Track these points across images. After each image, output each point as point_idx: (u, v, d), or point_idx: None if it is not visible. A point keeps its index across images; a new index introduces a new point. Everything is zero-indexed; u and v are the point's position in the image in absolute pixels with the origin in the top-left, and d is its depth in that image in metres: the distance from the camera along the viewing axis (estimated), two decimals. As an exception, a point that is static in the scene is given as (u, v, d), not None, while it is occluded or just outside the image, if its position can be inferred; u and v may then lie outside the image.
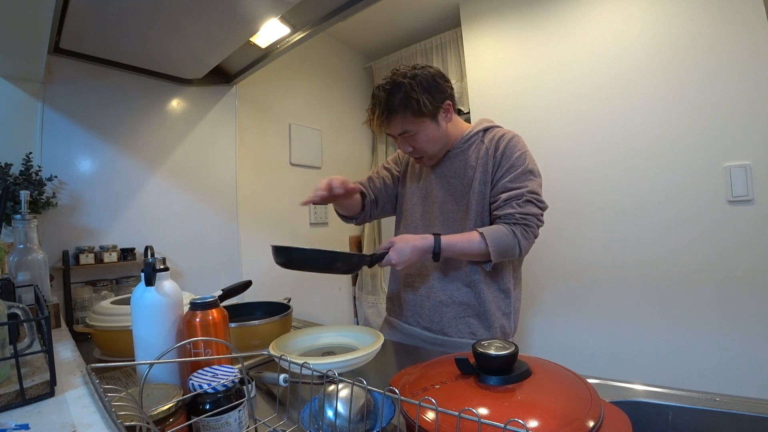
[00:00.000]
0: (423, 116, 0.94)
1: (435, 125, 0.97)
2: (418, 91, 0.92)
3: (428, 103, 0.92)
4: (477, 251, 0.91)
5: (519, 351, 0.50)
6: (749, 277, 1.38)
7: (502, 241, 0.89)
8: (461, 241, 0.91)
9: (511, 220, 0.91)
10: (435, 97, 0.94)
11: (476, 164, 1.00)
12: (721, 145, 1.43)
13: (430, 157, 1.03)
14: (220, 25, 1.19)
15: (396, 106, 0.93)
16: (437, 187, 1.06)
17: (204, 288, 1.58)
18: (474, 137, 1.04)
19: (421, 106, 0.91)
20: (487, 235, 0.89)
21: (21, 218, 0.86)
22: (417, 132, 0.96)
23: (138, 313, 0.57)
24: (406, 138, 0.97)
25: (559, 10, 1.80)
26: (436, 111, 0.95)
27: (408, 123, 0.95)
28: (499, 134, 1.01)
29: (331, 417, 0.47)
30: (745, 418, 0.51)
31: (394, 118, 0.95)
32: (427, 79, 0.94)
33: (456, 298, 1.00)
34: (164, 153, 1.58)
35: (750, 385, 1.37)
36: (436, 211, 1.05)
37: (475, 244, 0.90)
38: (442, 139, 1.00)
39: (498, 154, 0.97)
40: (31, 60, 1.12)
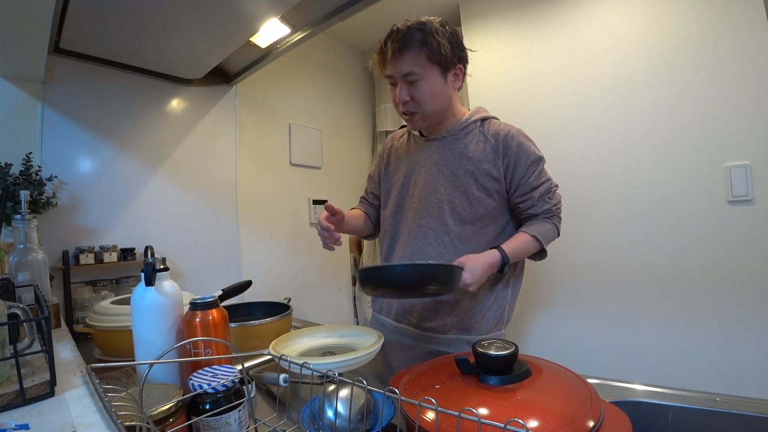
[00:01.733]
0: (435, 63, 0.89)
1: (442, 79, 0.91)
2: (441, 34, 0.88)
3: (446, 50, 0.88)
4: (532, 252, 0.98)
5: (519, 351, 0.50)
6: (749, 277, 1.38)
7: (550, 236, 0.99)
8: (520, 248, 0.95)
9: (550, 214, 1.00)
10: (454, 51, 0.90)
11: (475, 156, 0.96)
12: (721, 145, 1.43)
13: (424, 115, 0.95)
14: (220, 25, 1.19)
15: (413, 41, 0.88)
16: (426, 174, 1.01)
17: (204, 288, 1.58)
18: (471, 125, 0.99)
19: (440, 48, 0.87)
20: (540, 235, 0.95)
21: (21, 218, 0.86)
22: (423, 78, 0.89)
23: (138, 313, 0.57)
24: (409, 83, 0.91)
25: (559, 10, 1.80)
26: (449, 65, 0.91)
27: (418, 63, 0.88)
28: (502, 130, 0.97)
29: (331, 417, 0.47)
30: (745, 418, 0.51)
31: (406, 52, 0.88)
32: (453, 33, 0.91)
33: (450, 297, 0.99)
34: (164, 153, 1.58)
35: (750, 385, 1.37)
36: (421, 198, 1.00)
37: (532, 247, 0.96)
38: (445, 99, 0.94)
39: (511, 154, 0.94)
40: (31, 60, 1.12)
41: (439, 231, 0.99)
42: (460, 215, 0.97)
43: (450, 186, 0.97)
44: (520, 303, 1.93)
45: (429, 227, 1.00)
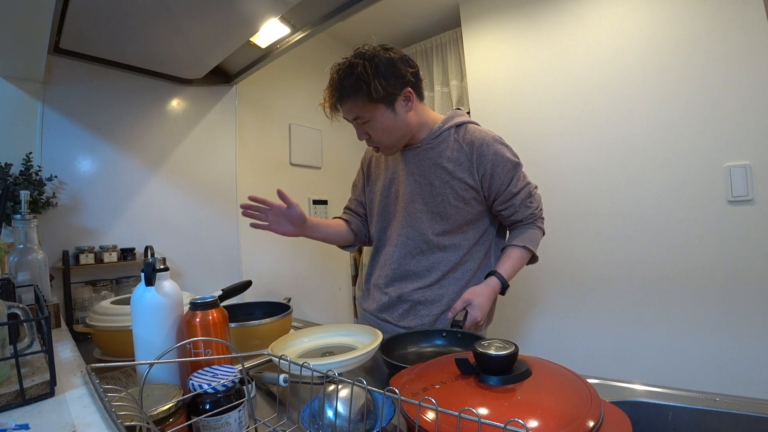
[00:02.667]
0: (376, 102, 0.88)
1: (391, 113, 0.91)
2: (371, 74, 0.86)
3: (380, 89, 0.86)
4: (526, 260, 1.01)
5: (519, 351, 0.50)
6: (749, 277, 1.38)
7: (538, 240, 1.02)
8: (515, 265, 0.98)
9: (533, 218, 1.01)
10: (391, 83, 0.88)
11: (450, 165, 0.96)
12: (721, 145, 1.43)
13: (387, 147, 0.97)
14: (220, 25, 1.19)
15: (347, 90, 0.88)
16: (404, 184, 1.01)
17: (204, 288, 1.58)
18: (445, 133, 0.98)
19: (371, 90, 0.86)
20: (529, 244, 0.99)
21: (21, 218, 0.86)
22: (370, 119, 0.91)
23: (138, 313, 0.57)
24: (361, 124, 0.93)
25: (559, 10, 1.80)
26: (391, 98, 0.89)
27: (360, 108, 0.90)
28: (477, 138, 0.96)
29: (331, 417, 0.47)
30: (745, 418, 0.51)
31: (345, 102, 0.90)
32: (385, 63, 0.87)
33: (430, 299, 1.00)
34: (164, 153, 1.58)
35: (750, 385, 1.37)
36: (400, 208, 1.02)
37: (525, 258, 1.00)
38: (400, 128, 0.94)
39: (487, 162, 0.94)
40: (31, 60, 1.12)
41: (418, 240, 1.00)
42: (438, 224, 0.98)
43: (427, 196, 0.98)
44: (520, 303, 1.94)
45: (408, 237, 1.01)
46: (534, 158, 1.90)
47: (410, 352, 0.81)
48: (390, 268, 1.04)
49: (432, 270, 1.00)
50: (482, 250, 1.03)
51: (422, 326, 0.99)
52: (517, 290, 1.96)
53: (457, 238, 0.99)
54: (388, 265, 1.04)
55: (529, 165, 1.90)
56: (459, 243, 1.00)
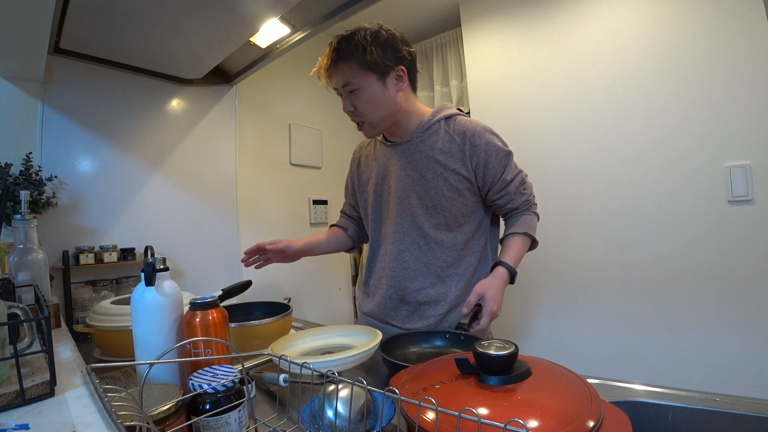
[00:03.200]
0: (369, 70, 0.89)
1: (381, 86, 0.91)
2: (371, 41, 0.87)
3: (376, 57, 0.87)
4: (527, 247, 1.01)
5: (519, 351, 0.50)
6: (749, 277, 1.38)
7: (535, 225, 1.02)
8: (519, 252, 0.98)
9: (528, 204, 1.02)
10: (387, 54, 0.89)
11: (443, 157, 0.95)
12: (721, 145, 1.43)
13: (371, 123, 0.95)
14: (220, 25, 1.19)
15: (344, 53, 0.89)
16: (396, 180, 1.01)
17: (204, 288, 1.58)
18: (435, 125, 0.98)
19: (366, 55, 0.87)
20: (529, 230, 0.99)
21: (21, 218, 0.86)
22: (359, 86, 0.90)
23: (138, 313, 0.57)
24: (349, 93, 0.92)
25: (559, 10, 1.80)
26: (385, 69, 0.90)
27: (352, 73, 0.89)
28: (468, 128, 0.96)
29: (331, 417, 0.47)
30: (745, 418, 0.51)
31: (339, 65, 0.90)
32: (386, 37, 0.90)
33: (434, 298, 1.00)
34: (164, 153, 1.58)
35: (750, 385, 1.37)
36: (394, 204, 1.01)
37: (526, 244, 1.00)
38: (388, 105, 0.93)
39: (480, 152, 0.94)
40: (31, 60, 1.12)
41: (415, 235, 0.99)
42: (434, 218, 0.98)
43: (421, 190, 0.98)
44: (519, 303, 1.94)
45: (405, 232, 1.00)
46: (534, 158, 1.90)
47: (410, 352, 0.81)
48: (389, 267, 1.03)
49: (432, 266, 0.99)
50: (480, 243, 1.02)
51: (429, 327, 0.98)
52: (517, 290, 1.96)
53: (454, 232, 0.99)
54: (387, 263, 1.03)
55: (529, 165, 1.90)
56: (456, 237, 0.99)
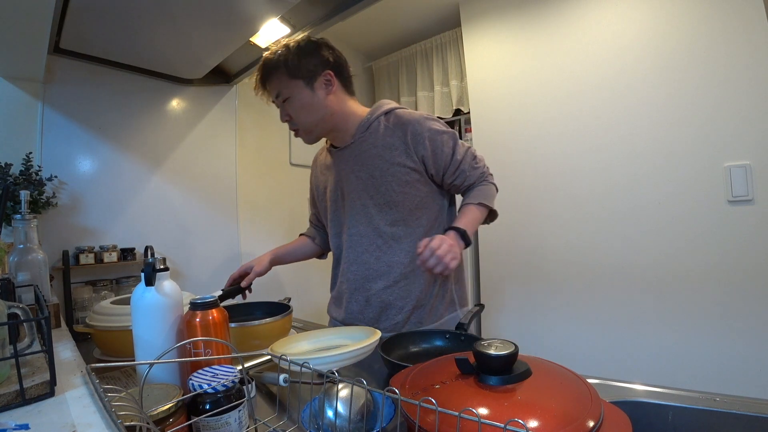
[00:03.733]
0: (296, 77, 0.92)
1: (309, 91, 0.94)
2: (294, 51, 0.92)
3: (298, 64, 0.92)
4: (483, 217, 1.00)
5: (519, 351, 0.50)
6: (749, 277, 1.38)
7: (491, 195, 1.01)
8: (471, 219, 0.96)
9: (483, 176, 1.02)
10: (310, 61, 0.93)
11: (387, 153, 0.96)
12: (721, 145, 1.43)
13: (305, 129, 0.98)
14: (220, 25, 1.19)
15: (271, 66, 0.93)
16: (347, 184, 1.02)
17: (204, 288, 1.58)
18: (375, 123, 0.99)
19: (289, 64, 0.91)
20: (484, 200, 0.98)
21: (21, 218, 0.86)
22: (290, 96, 0.94)
23: (138, 313, 0.57)
24: (283, 103, 0.96)
25: (559, 10, 1.80)
26: (311, 76, 0.93)
27: (281, 84, 0.94)
28: (407, 119, 0.96)
29: (331, 417, 0.47)
30: (745, 418, 0.51)
31: (269, 78, 0.95)
32: (308, 44, 0.94)
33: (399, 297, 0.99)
34: (164, 153, 1.58)
35: (750, 385, 1.37)
36: (348, 208, 1.02)
37: (481, 214, 0.99)
38: (319, 109, 0.95)
39: (425, 140, 0.94)
40: (31, 60, 1.12)
41: (372, 235, 0.99)
42: (388, 215, 0.98)
43: (371, 189, 0.98)
44: (519, 303, 1.94)
45: (361, 234, 1.00)
46: (534, 158, 1.90)
47: (410, 352, 0.81)
48: (351, 271, 1.02)
49: (394, 265, 0.99)
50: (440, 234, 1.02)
51: (396, 326, 0.98)
52: (517, 290, 1.96)
53: (412, 226, 0.98)
54: (349, 267, 1.03)
55: (529, 164, 1.91)
56: (414, 231, 0.98)
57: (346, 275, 1.04)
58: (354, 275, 1.02)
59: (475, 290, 2.14)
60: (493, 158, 2.03)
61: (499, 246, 2.01)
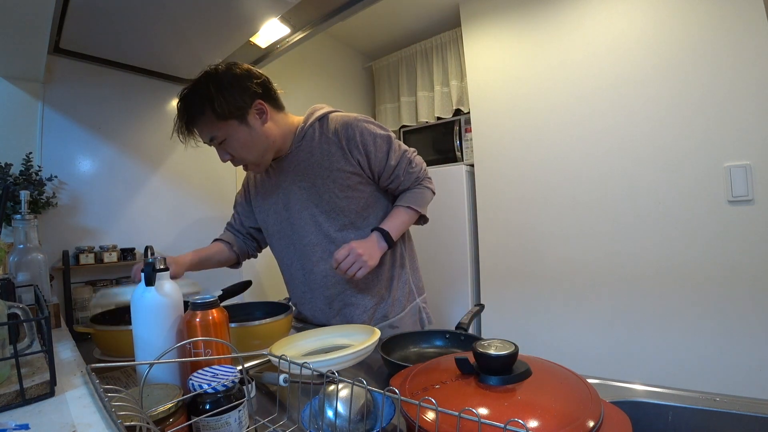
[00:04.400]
0: (225, 119, 0.86)
1: (246, 128, 0.88)
2: (215, 91, 0.84)
3: (224, 105, 0.84)
4: (413, 221, 1.01)
5: (519, 351, 0.50)
6: (749, 277, 1.38)
7: (424, 199, 1.01)
8: (397, 221, 0.97)
9: (418, 180, 1.02)
10: (236, 98, 0.86)
11: (325, 160, 0.94)
12: (721, 145, 1.43)
13: (254, 163, 0.94)
14: (220, 25, 1.19)
15: (195, 110, 0.86)
16: (290, 195, 0.99)
17: (204, 288, 1.58)
18: (309, 131, 0.97)
19: (215, 107, 0.83)
20: (413, 204, 0.98)
21: (21, 218, 0.86)
22: (226, 137, 0.88)
23: (138, 313, 0.57)
24: (219, 144, 0.90)
25: (559, 10, 1.80)
26: (241, 112, 0.87)
27: (212, 127, 0.87)
28: (340, 123, 0.94)
29: (331, 417, 0.47)
30: (745, 418, 0.51)
31: (196, 124, 0.88)
32: (229, 78, 0.86)
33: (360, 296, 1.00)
34: (164, 153, 1.58)
35: (750, 385, 1.37)
36: (296, 219, 1.00)
37: (409, 217, 0.99)
38: (260, 142, 0.91)
39: (358, 144, 0.93)
40: (31, 60, 1.12)
41: (324, 243, 0.98)
42: (336, 221, 0.97)
43: (315, 197, 0.97)
44: (519, 303, 1.94)
45: (313, 244, 0.99)
46: (533, 157, 1.90)
47: (410, 352, 0.82)
48: (309, 281, 1.01)
49: None
50: None
51: (364, 321, 0.99)
52: (517, 290, 1.96)
53: (362, 229, 0.98)
54: (306, 278, 1.02)
55: (528, 164, 1.91)
56: (365, 233, 0.98)
57: (305, 285, 1.03)
58: (314, 284, 1.01)
59: (475, 290, 2.14)
60: (493, 158, 2.03)
61: (499, 246, 2.02)
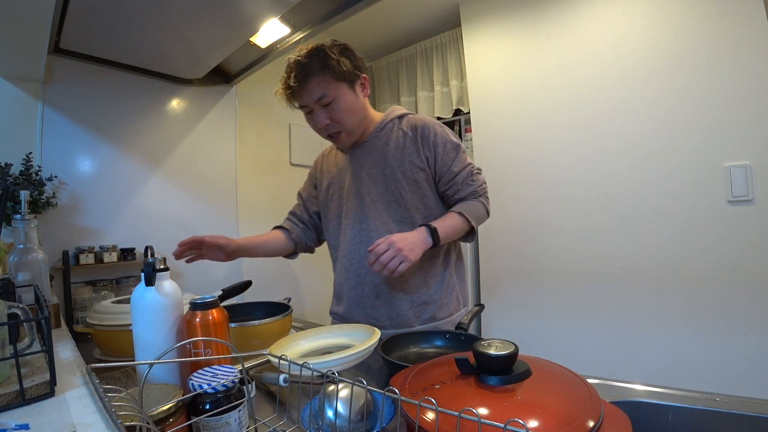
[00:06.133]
0: (341, 80, 0.92)
1: (353, 93, 0.95)
2: (337, 53, 0.91)
3: (348, 65, 0.91)
4: (462, 230, 0.98)
5: (519, 351, 0.50)
6: (749, 276, 1.38)
7: (478, 214, 1.00)
8: (448, 224, 0.96)
9: (476, 195, 1.01)
10: (353, 64, 0.93)
11: (398, 152, 0.98)
12: (721, 145, 1.43)
13: (348, 131, 0.97)
14: (220, 25, 1.19)
15: (313, 68, 0.90)
16: (356, 180, 1.02)
17: (204, 288, 1.58)
18: (389, 125, 1.02)
19: (341, 65, 0.90)
20: (466, 213, 0.97)
21: (21, 218, 0.86)
22: (335, 98, 0.92)
23: (138, 313, 0.57)
24: (323, 106, 0.93)
25: (559, 10, 1.80)
26: (354, 78, 0.94)
27: (326, 85, 0.91)
28: (419, 122, 0.99)
29: (331, 417, 0.47)
30: (745, 418, 0.51)
31: (310, 80, 0.91)
32: (345, 47, 0.94)
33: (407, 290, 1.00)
34: (164, 153, 1.58)
35: (750, 385, 1.37)
36: (356, 204, 1.02)
37: (461, 225, 0.97)
38: (360, 111, 0.97)
39: (430, 143, 0.97)
40: (31, 60, 1.12)
41: (381, 231, 0.99)
42: (396, 212, 0.99)
43: (381, 186, 0.99)
44: (519, 303, 1.94)
45: (371, 229, 1.00)
46: (533, 157, 1.90)
47: (410, 352, 0.81)
48: (361, 265, 1.01)
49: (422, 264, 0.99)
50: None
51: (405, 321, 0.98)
52: (517, 290, 1.96)
53: (418, 224, 0.98)
54: (358, 262, 1.02)
55: (528, 164, 1.91)
56: None
57: (354, 270, 1.03)
58: (364, 271, 1.01)
59: (475, 290, 2.14)
60: (493, 158, 2.03)
61: (499, 246, 2.02)
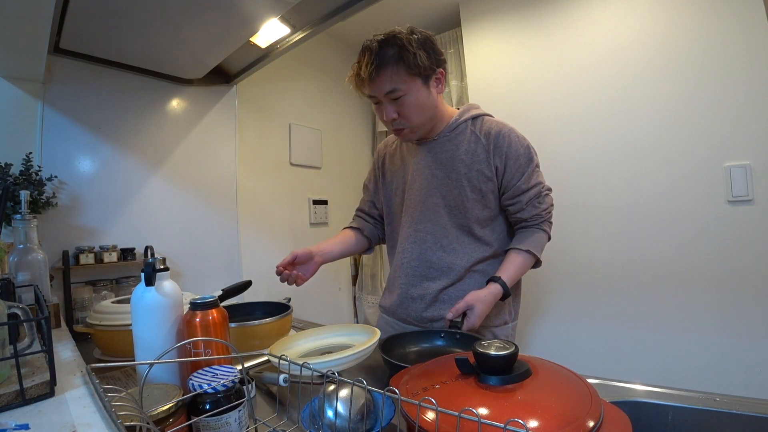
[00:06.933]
0: (415, 75, 0.86)
1: (426, 89, 0.89)
2: (415, 45, 0.85)
3: (422, 61, 0.85)
4: (529, 266, 0.98)
5: (519, 351, 0.50)
6: (749, 277, 1.38)
7: (541, 244, 0.98)
8: (518, 271, 0.96)
9: (539, 219, 0.97)
10: (430, 58, 0.87)
11: (467, 158, 0.95)
12: (721, 145, 1.43)
13: (413, 128, 0.93)
14: (220, 25, 1.19)
15: (388, 59, 0.85)
16: (421, 178, 0.99)
17: (204, 288, 1.58)
18: (462, 125, 0.97)
19: (417, 60, 0.84)
20: (533, 248, 0.96)
21: (21, 218, 0.86)
22: (406, 92, 0.87)
23: (138, 313, 0.57)
24: (393, 100, 0.88)
25: (559, 10, 1.80)
26: (429, 73, 0.89)
27: (398, 80, 0.86)
28: (494, 129, 0.95)
29: (331, 417, 0.47)
30: (745, 418, 0.51)
31: (384, 71, 0.86)
32: (425, 38, 0.88)
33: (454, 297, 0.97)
34: (164, 153, 1.58)
35: (750, 385, 1.37)
36: (418, 203, 1.00)
37: (528, 263, 0.97)
38: (431, 109, 0.92)
39: (502, 154, 0.92)
40: (31, 60, 1.12)
41: (439, 235, 0.98)
42: (456, 218, 0.97)
43: (445, 189, 0.97)
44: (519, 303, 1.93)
45: (428, 231, 0.99)
46: (534, 158, 1.90)
47: (410, 352, 0.81)
48: (411, 266, 1.01)
49: (454, 267, 0.97)
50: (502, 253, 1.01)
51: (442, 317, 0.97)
52: (517, 290, 1.96)
53: (476, 236, 0.98)
54: (410, 262, 1.01)
55: (529, 165, 1.91)
56: (479, 240, 0.98)
57: (404, 269, 1.02)
58: (414, 270, 1.00)
59: (475, 290, 2.14)
60: (493, 158, 2.03)
61: (499, 246, 2.01)
